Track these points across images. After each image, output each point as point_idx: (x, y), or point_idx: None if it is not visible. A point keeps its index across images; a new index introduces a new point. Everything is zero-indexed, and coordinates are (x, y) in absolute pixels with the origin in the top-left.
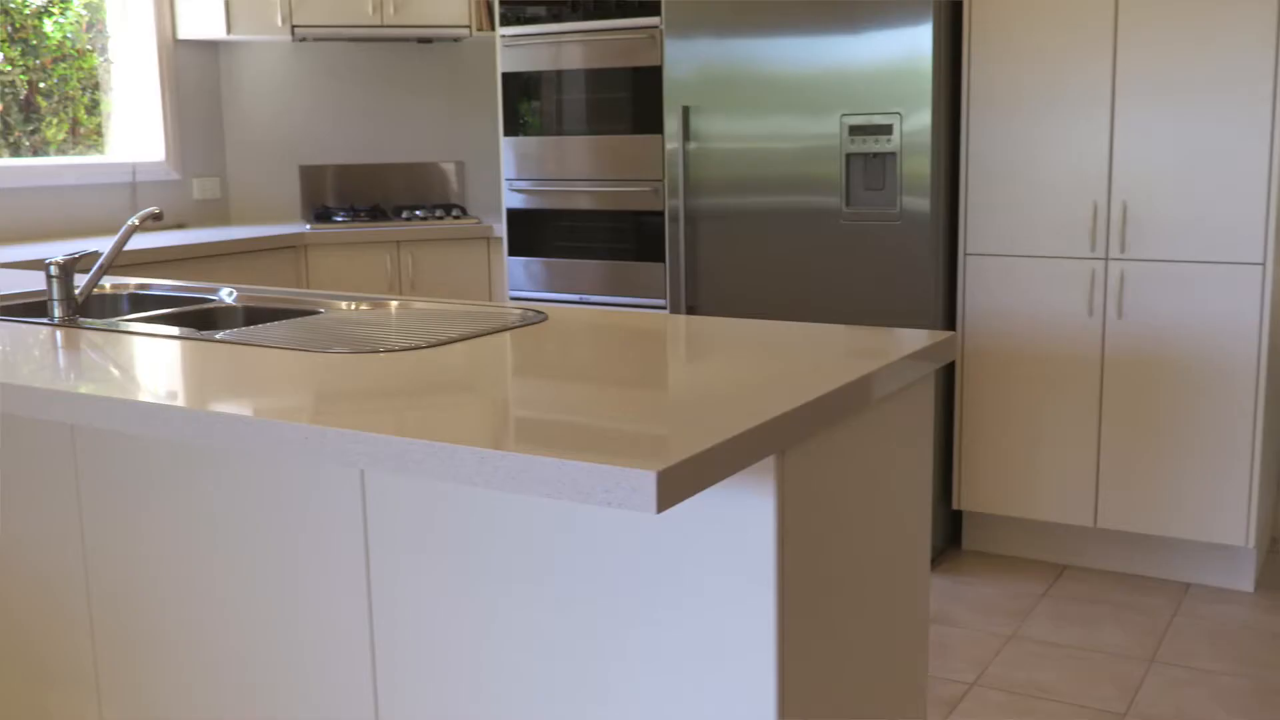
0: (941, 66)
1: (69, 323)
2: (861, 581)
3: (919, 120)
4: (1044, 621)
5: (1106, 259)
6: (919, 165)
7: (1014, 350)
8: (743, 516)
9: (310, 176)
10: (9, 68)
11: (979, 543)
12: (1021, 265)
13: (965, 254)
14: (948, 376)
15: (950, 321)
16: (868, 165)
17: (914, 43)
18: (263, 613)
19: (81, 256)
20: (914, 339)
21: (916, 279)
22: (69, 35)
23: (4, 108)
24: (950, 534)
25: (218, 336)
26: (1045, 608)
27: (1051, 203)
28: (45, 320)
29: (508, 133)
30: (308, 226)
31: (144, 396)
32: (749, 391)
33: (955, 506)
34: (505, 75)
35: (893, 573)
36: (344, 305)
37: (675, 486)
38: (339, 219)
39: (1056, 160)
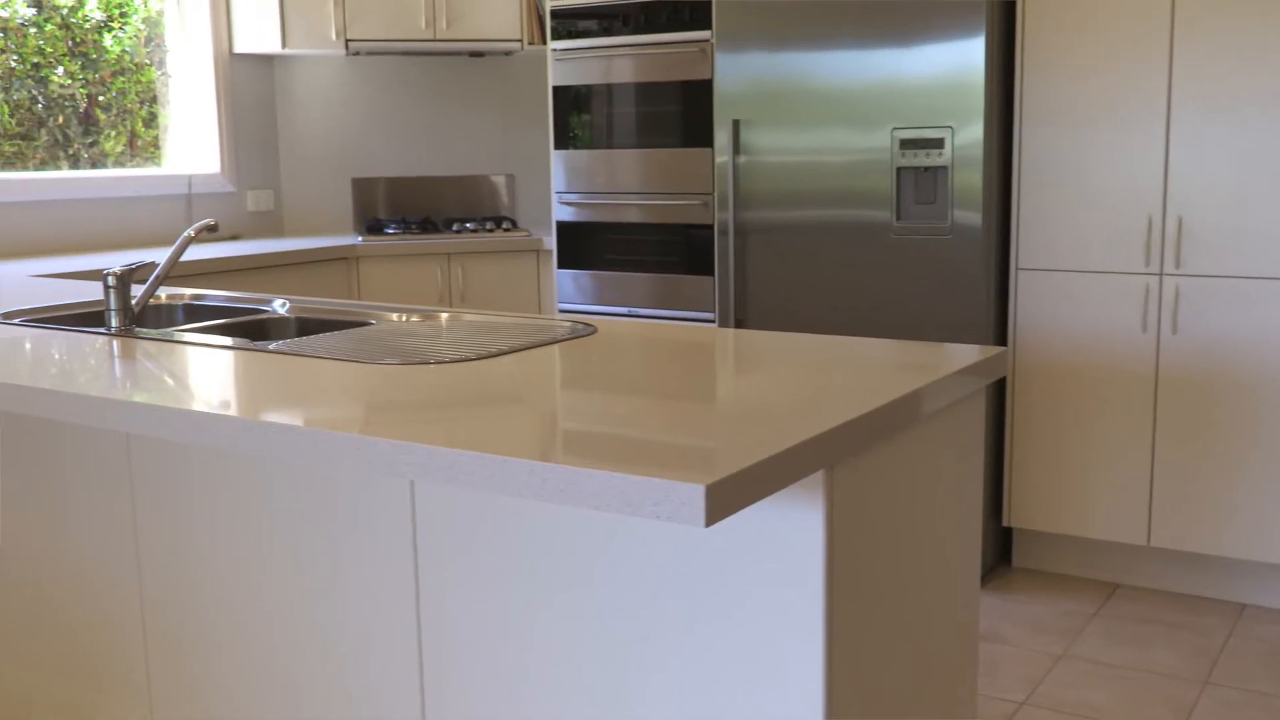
0: (994, 79)
1: (125, 332)
2: (910, 598)
3: (971, 134)
4: (1095, 641)
5: (1161, 274)
6: (971, 179)
7: (1066, 366)
8: (791, 531)
9: (362, 189)
10: (69, 81)
11: (1029, 560)
12: (1074, 280)
13: (1017, 268)
14: (998, 392)
15: (1001, 337)
16: (919, 179)
17: (966, 56)
18: (312, 620)
19: (138, 267)
20: (965, 354)
21: (967, 294)
22: (128, 49)
23: (64, 120)
24: (1000, 551)
25: (271, 347)
26: (1097, 627)
27: (1105, 217)
28: (102, 330)
29: (558, 146)
30: (359, 239)
31: (198, 406)
32: (798, 405)
33: (1005, 523)
34: (556, 89)
35: (942, 589)
36: (395, 317)
37: (724, 500)
38: (390, 231)
39: (1111, 173)
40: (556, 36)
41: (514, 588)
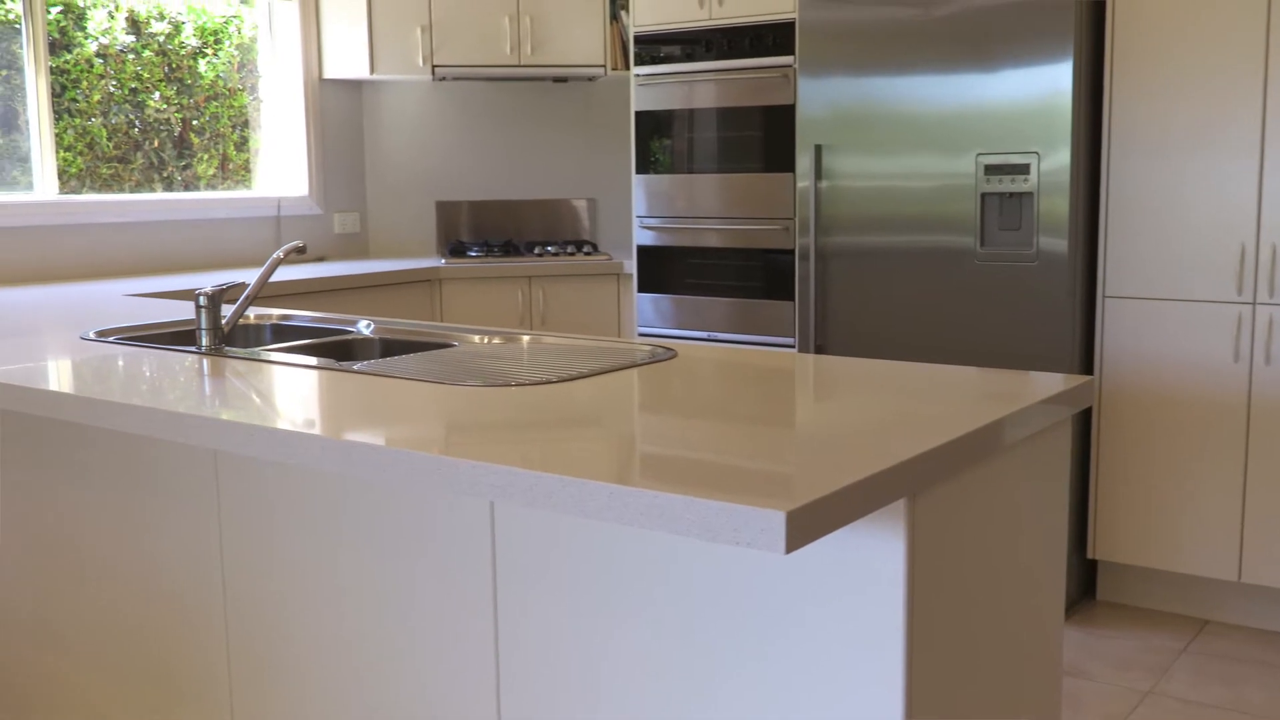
0: (1082, 104)
1: (215, 351)
2: (992, 630)
3: (1058, 159)
4: (1183, 678)
5: (1254, 303)
6: (1057, 205)
7: (1154, 396)
8: (871, 560)
9: (446, 212)
10: (165, 106)
11: (1115, 594)
12: (1163, 308)
13: (1104, 296)
14: (1084, 422)
15: (1087, 365)
16: (1003, 205)
17: (1053, 81)
18: (392, 638)
19: (228, 288)
20: (1050, 383)
21: (1052, 321)
22: (221, 75)
23: (159, 144)
24: (1085, 584)
25: (355, 367)
26: (1185, 664)
27: (1196, 244)
28: (193, 349)
29: (639, 170)
30: (443, 261)
31: (283, 424)
32: (879, 433)
33: (1090, 555)
34: (638, 114)
35: (1025, 622)
36: (477, 339)
37: (805, 527)
38: (473, 254)
39: (1202, 200)
40: (640, 62)
41: (592, 610)
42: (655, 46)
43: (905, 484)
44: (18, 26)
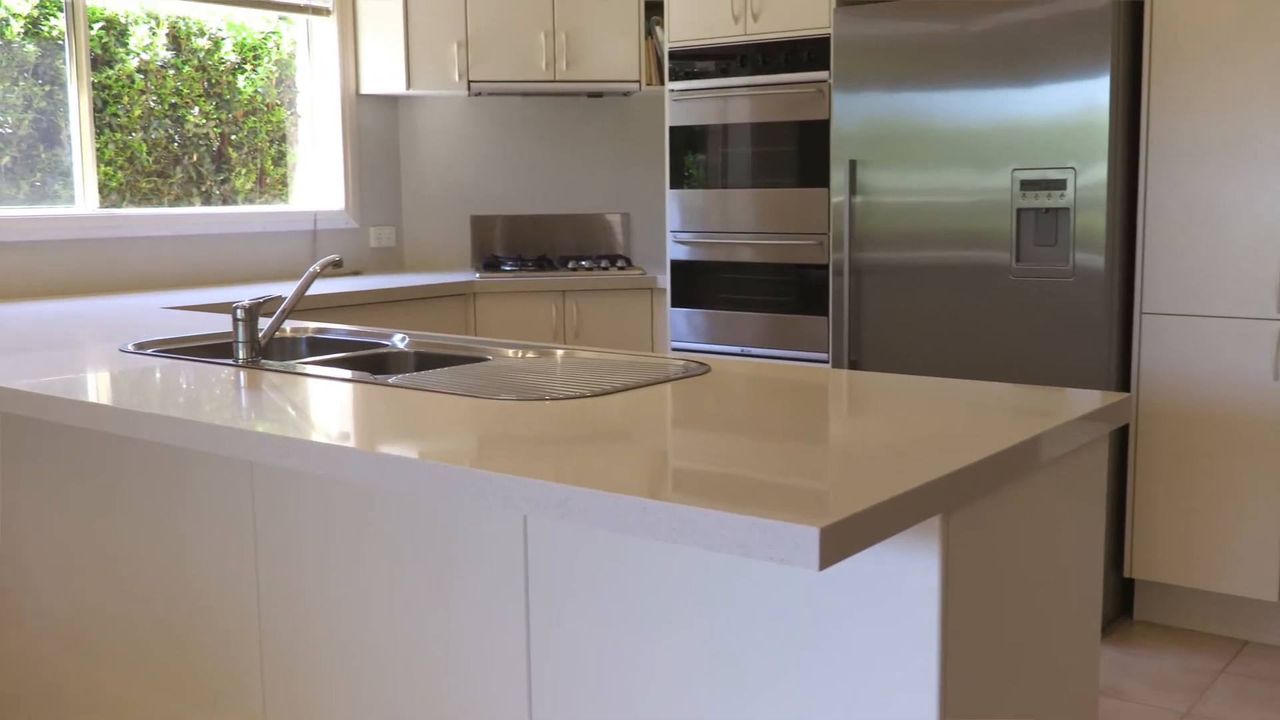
0: (1119, 119)
1: (252, 364)
2: (1028, 649)
3: (1095, 174)
4: (1223, 699)
5: None
6: (1094, 220)
7: (1192, 414)
8: (905, 577)
9: (481, 226)
10: (204, 121)
11: (1152, 613)
12: (1202, 325)
13: (1141, 313)
14: (1120, 439)
15: (1124, 382)
16: (1039, 220)
17: (1091, 95)
18: (424, 650)
19: (265, 301)
20: (1086, 400)
21: (1089, 338)
22: (260, 90)
23: (198, 158)
24: (1121, 603)
25: (390, 381)
26: (1224, 685)
27: (1236, 260)
28: (230, 361)
29: (673, 185)
30: (477, 275)
31: (318, 437)
32: (914, 449)
33: (1127, 574)
34: (673, 128)
35: (1061, 641)
36: (511, 353)
37: (839, 543)
38: (507, 268)
39: (1241, 216)
40: (674, 77)
41: (624, 624)
42: (690, 62)
43: (940, 501)
44: (61, 43)
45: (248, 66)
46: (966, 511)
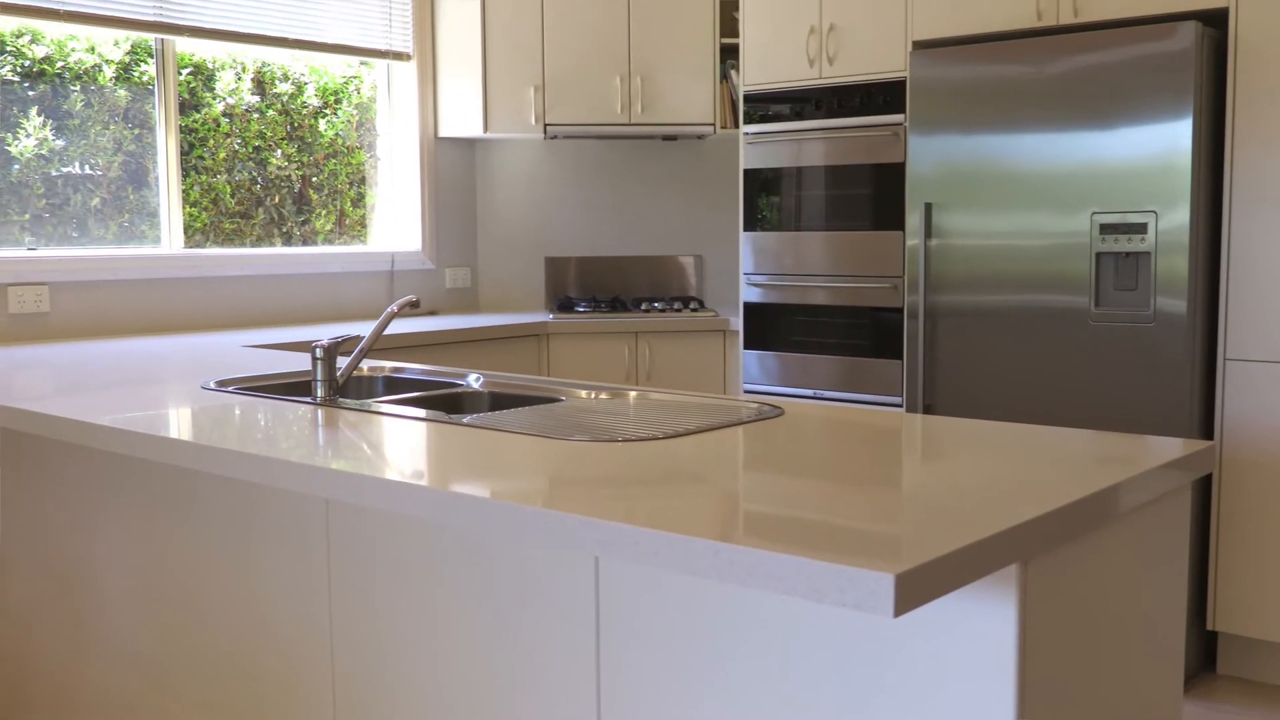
0: (1201, 161)
1: (329, 402)
2: (1108, 702)
3: (1176, 218)
4: None
5: None
6: (1176, 265)
7: (1278, 462)
8: (981, 627)
9: (555, 268)
10: (286, 163)
11: (1236, 668)
12: None
13: (1225, 359)
14: (1204, 489)
15: (1207, 430)
16: (1119, 265)
17: (1173, 138)
18: (495, 688)
19: (343, 340)
20: (1168, 448)
21: (1171, 384)
22: (340, 133)
23: (280, 200)
24: (1205, 657)
25: (464, 420)
26: None
27: None
28: (308, 399)
29: (747, 228)
30: (551, 316)
31: (392, 475)
32: (990, 496)
33: (1210, 627)
34: (747, 171)
35: (1141, 695)
36: (584, 394)
37: (914, 590)
38: (581, 309)
39: None
40: (749, 120)
41: (694, 666)
42: (765, 105)
43: (1018, 549)
44: (151, 88)
45: (329, 110)
46: (1045, 560)
